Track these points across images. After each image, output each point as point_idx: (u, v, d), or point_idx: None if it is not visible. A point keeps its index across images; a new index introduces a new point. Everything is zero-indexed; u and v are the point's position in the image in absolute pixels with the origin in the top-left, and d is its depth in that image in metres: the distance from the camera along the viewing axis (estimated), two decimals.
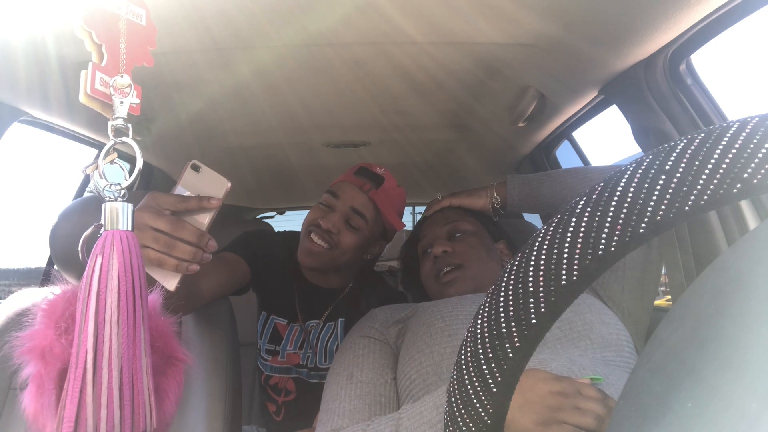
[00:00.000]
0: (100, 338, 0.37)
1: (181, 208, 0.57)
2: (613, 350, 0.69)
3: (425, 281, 0.97)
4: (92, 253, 0.38)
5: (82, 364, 0.36)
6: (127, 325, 0.38)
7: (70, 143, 1.22)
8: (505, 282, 0.25)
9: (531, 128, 1.28)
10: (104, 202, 0.40)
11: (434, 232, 0.98)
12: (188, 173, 0.58)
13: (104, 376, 0.36)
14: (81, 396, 0.36)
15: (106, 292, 0.37)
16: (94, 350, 0.36)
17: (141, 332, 0.39)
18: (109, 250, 0.38)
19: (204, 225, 0.57)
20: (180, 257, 0.55)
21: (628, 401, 0.27)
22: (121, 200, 0.40)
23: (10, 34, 0.73)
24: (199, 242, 0.56)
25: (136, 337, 0.38)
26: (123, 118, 0.40)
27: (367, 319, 0.86)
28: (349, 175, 1.10)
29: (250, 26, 0.76)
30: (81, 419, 0.36)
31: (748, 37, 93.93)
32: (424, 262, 0.97)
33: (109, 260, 0.38)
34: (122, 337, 0.37)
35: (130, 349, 0.38)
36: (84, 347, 0.36)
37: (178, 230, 0.55)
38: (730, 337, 0.22)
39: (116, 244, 0.38)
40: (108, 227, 0.39)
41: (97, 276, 0.37)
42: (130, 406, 0.37)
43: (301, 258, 1.06)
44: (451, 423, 0.27)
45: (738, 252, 0.25)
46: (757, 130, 0.21)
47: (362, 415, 0.70)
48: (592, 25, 0.76)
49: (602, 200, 0.23)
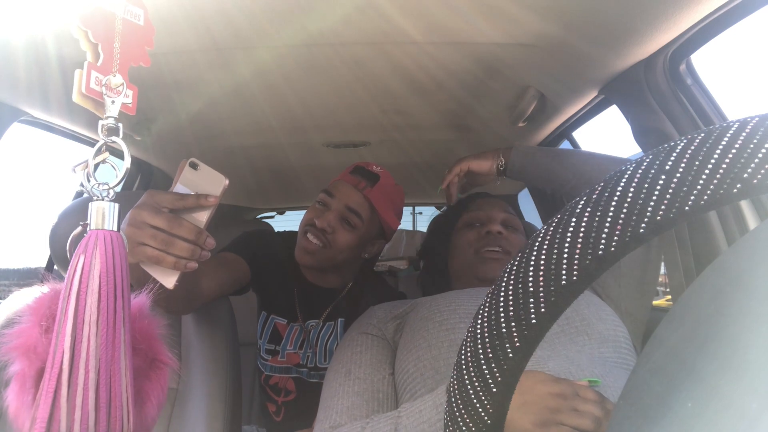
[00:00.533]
0: (78, 338, 0.36)
1: (179, 206, 0.56)
2: (611, 346, 0.69)
3: (461, 250, 0.95)
4: (75, 253, 0.38)
5: (59, 364, 0.36)
6: (107, 326, 0.37)
7: (70, 143, 1.22)
8: (505, 282, 0.25)
9: (531, 128, 1.28)
10: (91, 202, 0.39)
11: (492, 212, 0.97)
12: (186, 171, 0.58)
13: (80, 377, 0.36)
14: (55, 396, 0.35)
15: (86, 292, 0.37)
16: (72, 350, 0.36)
17: (121, 334, 0.38)
18: (92, 250, 0.38)
19: (202, 222, 0.57)
20: (178, 254, 0.55)
21: (628, 401, 0.27)
22: (108, 200, 0.40)
23: (10, 34, 0.73)
24: (197, 239, 0.56)
25: (115, 338, 0.37)
26: (114, 117, 0.40)
27: (366, 317, 0.86)
28: (345, 174, 1.10)
29: (250, 26, 0.76)
30: (54, 419, 0.35)
31: (748, 37, 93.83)
32: (469, 232, 0.95)
33: (91, 260, 0.37)
34: (101, 338, 0.37)
35: (108, 350, 0.37)
36: (61, 347, 0.36)
37: (175, 227, 0.55)
38: (730, 337, 0.22)
39: (99, 245, 0.38)
40: (93, 227, 0.39)
41: (78, 276, 0.37)
42: (105, 409, 0.37)
43: (298, 256, 1.07)
44: (451, 423, 0.27)
45: (738, 252, 0.25)
46: (757, 130, 0.21)
47: (360, 412, 0.70)
48: (592, 25, 0.76)
49: (602, 200, 0.23)
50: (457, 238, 0.97)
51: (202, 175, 0.58)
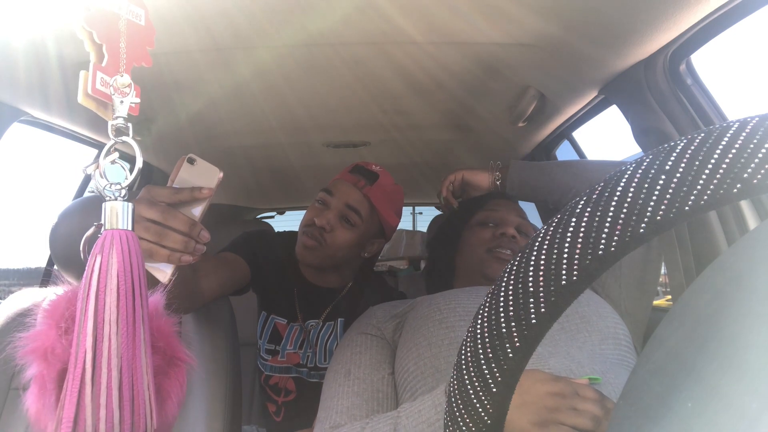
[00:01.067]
0: (99, 338, 0.36)
1: (174, 200, 0.57)
2: (611, 343, 0.69)
3: (472, 247, 0.94)
4: (92, 253, 0.38)
5: (81, 364, 0.36)
6: (127, 325, 0.37)
7: (70, 143, 1.22)
8: (505, 282, 0.25)
9: (531, 128, 1.28)
10: (104, 202, 0.40)
11: (508, 215, 0.96)
12: (184, 167, 0.59)
13: (103, 375, 0.36)
14: (80, 396, 0.35)
15: (105, 291, 0.37)
16: (93, 350, 0.36)
17: (141, 332, 0.38)
18: (108, 250, 0.38)
19: (197, 216, 0.58)
20: (171, 247, 0.55)
21: (628, 401, 0.27)
22: (121, 200, 0.40)
23: (11, 34, 0.73)
24: (191, 232, 0.56)
25: (135, 336, 0.38)
26: (123, 117, 0.40)
27: (366, 317, 0.86)
28: (344, 173, 1.11)
29: (250, 26, 0.76)
30: (80, 419, 0.35)
31: (748, 37, 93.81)
32: (482, 230, 0.94)
33: (108, 260, 0.38)
34: (122, 337, 0.37)
35: (129, 348, 0.37)
36: (83, 347, 0.36)
37: (169, 219, 0.55)
38: (730, 337, 0.22)
39: (116, 244, 0.38)
40: (108, 227, 0.39)
41: (96, 275, 0.37)
42: (129, 407, 0.37)
43: (298, 253, 1.08)
44: (451, 423, 0.27)
45: (738, 252, 0.25)
46: (757, 130, 0.21)
47: (360, 412, 0.70)
48: (592, 25, 0.76)
49: (602, 200, 0.23)
50: (469, 235, 0.96)
51: (199, 169, 0.59)
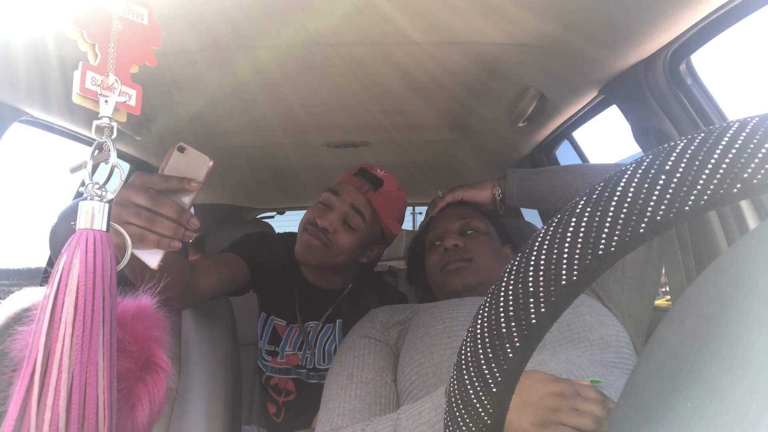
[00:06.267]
0: (54, 337, 0.35)
1: (163, 187, 0.58)
2: (613, 351, 0.69)
3: (431, 272, 0.95)
4: (61, 252, 0.38)
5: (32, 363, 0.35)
6: (83, 327, 0.36)
7: (70, 143, 1.22)
8: (505, 282, 0.25)
9: (531, 128, 1.28)
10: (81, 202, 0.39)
11: (447, 226, 0.97)
12: (174, 155, 0.60)
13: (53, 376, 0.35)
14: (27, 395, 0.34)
15: (65, 291, 0.36)
16: (46, 349, 0.35)
17: (99, 335, 0.37)
18: (73, 249, 0.37)
19: (186, 204, 0.59)
20: (161, 233, 0.56)
21: (628, 401, 0.27)
22: (98, 200, 0.39)
23: (10, 34, 0.73)
24: (180, 218, 0.57)
25: (92, 339, 0.36)
26: (108, 117, 0.40)
27: (368, 320, 0.86)
28: (348, 176, 1.10)
29: (250, 26, 0.76)
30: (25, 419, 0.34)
31: (748, 37, 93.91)
32: (432, 253, 0.96)
33: (71, 259, 0.37)
34: (76, 338, 0.36)
35: (85, 350, 0.36)
36: (36, 346, 0.35)
37: (158, 205, 0.56)
38: (730, 337, 0.22)
39: (81, 244, 0.38)
40: (81, 226, 0.39)
41: (58, 275, 0.37)
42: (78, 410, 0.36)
43: (298, 253, 1.06)
44: (451, 423, 0.27)
45: (738, 252, 0.25)
46: (757, 130, 0.21)
47: (362, 415, 0.70)
48: (592, 25, 0.76)
49: (602, 200, 0.23)
50: (427, 260, 0.98)
51: (189, 158, 0.60)
